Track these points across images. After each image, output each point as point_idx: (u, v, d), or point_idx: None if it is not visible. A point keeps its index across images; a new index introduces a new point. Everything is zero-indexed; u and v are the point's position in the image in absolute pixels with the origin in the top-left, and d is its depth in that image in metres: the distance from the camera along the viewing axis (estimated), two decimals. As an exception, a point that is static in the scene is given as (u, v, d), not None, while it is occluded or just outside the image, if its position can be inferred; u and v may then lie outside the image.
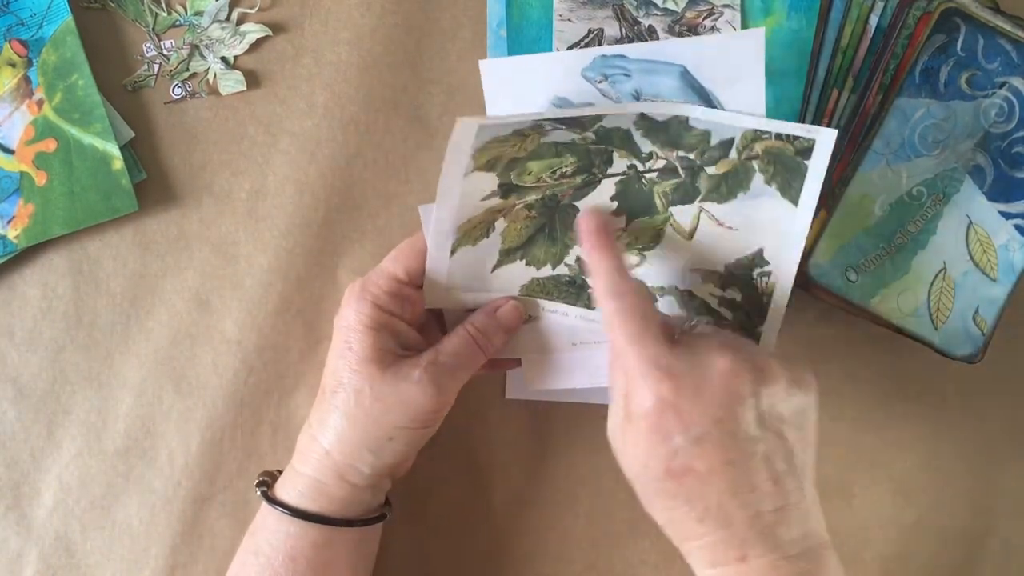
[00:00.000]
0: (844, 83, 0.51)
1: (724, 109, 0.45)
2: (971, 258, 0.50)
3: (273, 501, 0.45)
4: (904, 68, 0.49)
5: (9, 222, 0.50)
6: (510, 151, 0.44)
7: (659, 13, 0.51)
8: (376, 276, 0.46)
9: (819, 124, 0.51)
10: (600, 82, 0.46)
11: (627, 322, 0.40)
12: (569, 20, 0.52)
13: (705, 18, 0.52)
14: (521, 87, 0.46)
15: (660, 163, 0.45)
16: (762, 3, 0.51)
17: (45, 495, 0.51)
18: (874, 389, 0.54)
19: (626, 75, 0.46)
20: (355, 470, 0.44)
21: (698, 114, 0.44)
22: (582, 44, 0.52)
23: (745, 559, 0.38)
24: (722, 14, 0.51)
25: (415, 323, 0.46)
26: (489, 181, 0.44)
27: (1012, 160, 0.50)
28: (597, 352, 0.47)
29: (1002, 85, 0.49)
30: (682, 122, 0.44)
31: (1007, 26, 0.49)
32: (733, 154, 0.45)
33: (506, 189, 0.45)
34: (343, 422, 0.44)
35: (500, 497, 0.52)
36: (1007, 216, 0.50)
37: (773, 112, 0.51)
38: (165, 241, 0.52)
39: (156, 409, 0.52)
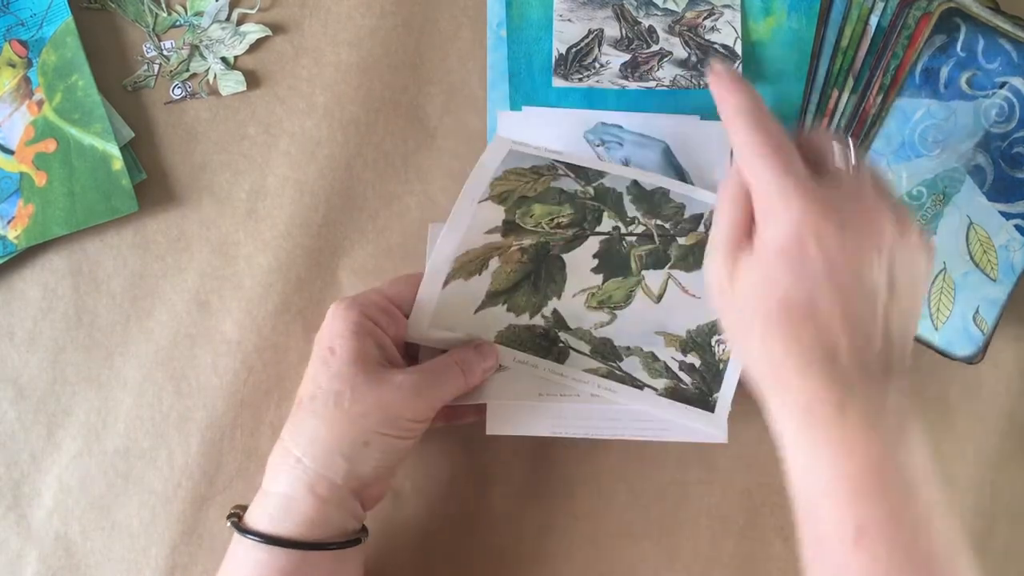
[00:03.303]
0: (844, 83, 0.51)
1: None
2: (971, 258, 0.50)
3: (243, 530, 0.44)
4: (904, 68, 0.49)
5: (9, 222, 0.50)
6: (523, 187, 0.48)
7: (659, 13, 0.51)
8: (366, 292, 0.47)
9: (819, 124, 0.51)
10: (598, 146, 0.51)
11: (763, 138, 0.38)
12: (569, 20, 0.52)
13: (705, 18, 0.52)
14: (531, 138, 0.49)
15: (640, 228, 0.48)
16: (762, 3, 0.51)
17: (45, 495, 0.51)
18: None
19: (619, 144, 0.51)
20: (326, 480, 0.43)
21: (676, 188, 0.48)
22: (582, 44, 0.52)
23: (844, 409, 0.36)
24: (722, 14, 0.51)
25: (398, 343, 0.46)
26: (497, 214, 0.48)
27: (1012, 160, 0.50)
28: (562, 405, 0.48)
29: (1002, 85, 0.49)
30: (664, 193, 0.48)
31: (1007, 26, 0.49)
32: (701, 228, 0.48)
33: (508, 227, 0.48)
34: (319, 426, 0.43)
35: (500, 497, 0.52)
36: (1007, 216, 0.50)
37: (774, 112, 0.51)
38: (165, 241, 0.52)
39: (156, 409, 0.52)
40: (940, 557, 0.36)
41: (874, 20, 0.51)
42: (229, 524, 0.44)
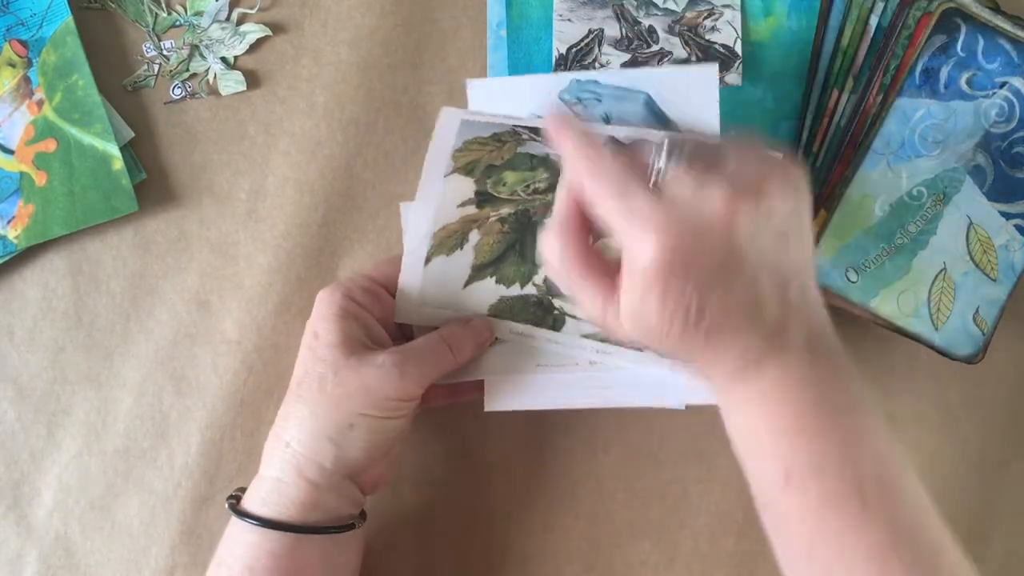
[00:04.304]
0: (844, 83, 0.51)
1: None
2: (971, 258, 0.50)
3: (238, 512, 0.44)
4: (904, 68, 0.49)
5: (9, 222, 0.50)
6: (488, 156, 0.46)
7: (659, 13, 0.51)
8: (351, 276, 0.47)
9: (819, 124, 0.51)
10: (575, 104, 0.48)
11: (606, 182, 0.38)
12: (569, 20, 0.52)
13: (705, 18, 0.51)
14: (504, 106, 0.48)
15: None
16: (762, 3, 0.51)
17: (45, 495, 0.51)
18: (874, 389, 0.54)
19: (598, 99, 0.48)
20: (316, 464, 0.43)
21: (656, 137, 0.46)
22: (582, 44, 0.52)
23: (760, 372, 0.38)
24: (722, 14, 0.51)
25: (385, 324, 0.47)
26: (467, 186, 0.47)
27: (1012, 160, 0.50)
28: (560, 374, 0.48)
29: (1002, 85, 0.49)
30: (643, 144, 0.46)
31: (1007, 26, 0.49)
32: None
33: (482, 198, 0.47)
34: (305, 411, 0.43)
35: (500, 497, 0.52)
36: (1007, 216, 0.50)
37: (773, 113, 0.51)
38: (165, 241, 0.52)
39: (156, 409, 0.52)
40: (872, 487, 0.37)
41: (874, 20, 0.51)
42: (227, 506, 0.45)
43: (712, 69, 0.47)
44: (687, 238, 0.37)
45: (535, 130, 0.47)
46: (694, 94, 0.47)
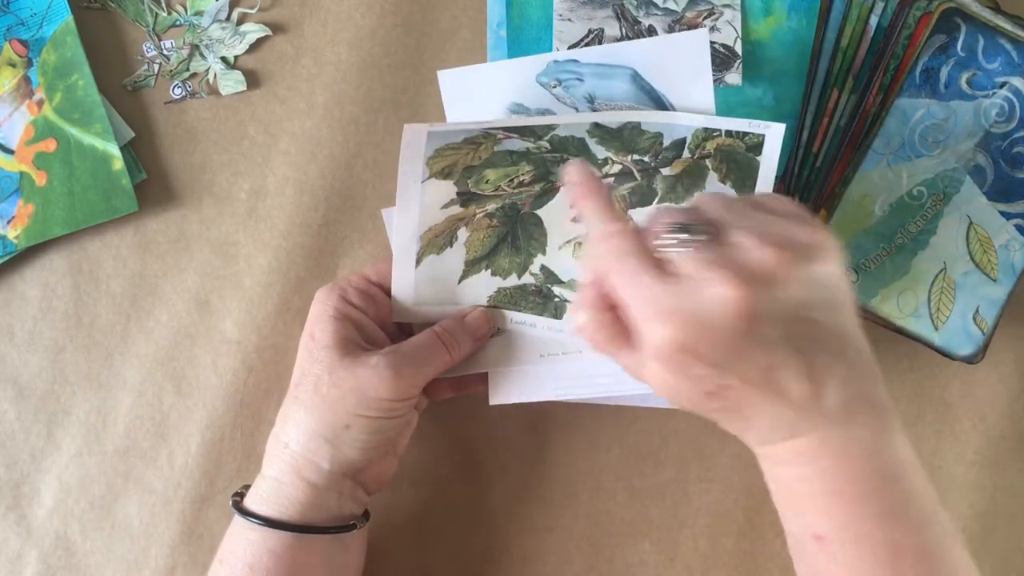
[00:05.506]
0: (844, 83, 0.51)
1: (674, 109, 0.46)
2: (971, 258, 0.50)
3: (240, 510, 0.44)
4: (904, 68, 0.49)
5: (9, 222, 0.50)
6: (464, 159, 0.46)
7: (659, 13, 0.51)
8: (347, 276, 0.48)
9: (819, 124, 0.51)
10: (555, 87, 0.47)
11: (618, 263, 0.38)
12: (569, 20, 0.52)
13: (705, 18, 0.51)
14: (478, 95, 0.47)
15: (616, 168, 0.46)
16: (762, 3, 0.51)
17: (45, 495, 0.51)
18: (874, 389, 0.54)
19: (579, 79, 0.47)
20: (313, 465, 0.43)
21: (649, 118, 0.45)
22: (582, 44, 0.52)
23: (794, 437, 0.38)
24: (722, 14, 0.51)
25: (381, 324, 0.47)
26: (447, 189, 0.46)
27: (1012, 160, 0.50)
28: (564, 364, 0.47)
29: (1002, 85, 0.49)
30: (635, 127, 0.46)
31: (1007, 26, 0.49)
32: (686, 154, 0.46)
33: (465, 198, 0.46)
34: (301, 412, 0.44)
35: (500, 497, 0.52)
36: (1007, 216, 0.50)
37: (773, 112, 0.51)
38: (165, 241, 0.52)
39: (156, 409, 0.52)
40: (907, 558, 0.37)
41: (874, 20, 0.51)
42: (231, 503, 0.45)
43: (702, 34, 0.45)
44: (691, 326, 0.36)
45: (510, 128, 0.45)
46: (684, 64, 0.46)
